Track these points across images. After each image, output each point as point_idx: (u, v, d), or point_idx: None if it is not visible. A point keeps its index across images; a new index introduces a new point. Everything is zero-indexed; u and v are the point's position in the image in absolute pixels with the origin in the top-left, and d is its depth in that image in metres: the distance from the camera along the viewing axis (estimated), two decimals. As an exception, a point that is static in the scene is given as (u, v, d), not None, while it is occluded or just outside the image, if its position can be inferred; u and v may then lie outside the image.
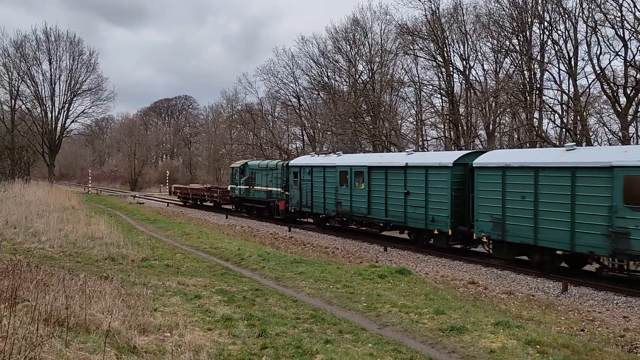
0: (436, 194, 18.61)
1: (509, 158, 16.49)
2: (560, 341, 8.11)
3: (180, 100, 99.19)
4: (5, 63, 52.69)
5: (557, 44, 29.23)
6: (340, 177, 23.52)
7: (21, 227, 17.95)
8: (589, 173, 13.84)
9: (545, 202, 14.92)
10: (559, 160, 14.85)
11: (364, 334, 8.30)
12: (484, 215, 16.73)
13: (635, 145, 21.95)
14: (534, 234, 15.19)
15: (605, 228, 13.33)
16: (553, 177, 14.75)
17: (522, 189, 15.56)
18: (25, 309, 6.34)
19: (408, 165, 19.83)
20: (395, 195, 20.43)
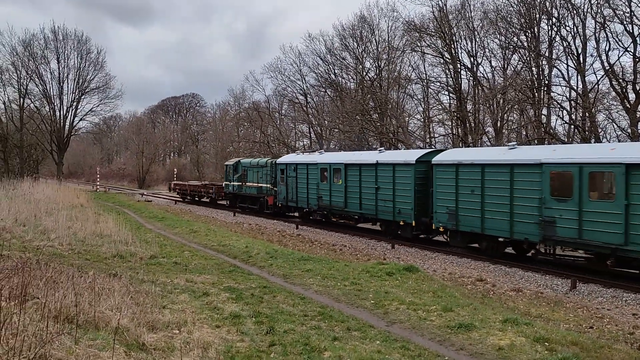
0: (402, 188, 20.52)
1: (461, 156, 18.41)
2: (569, 338, 8.07)
3: (188, 98, 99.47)
4: (14, 62, 53.02)
5: (565, 40, 29.02)
6: (321, 174, 25.47)
7: (30, 225, 18.06)
8: (524, 169, 15.67)
9: (490, 195, 16.74)
10: (501, 157, 16.73)
11: (372, 331, 8.30)
12: (441, 208, 18.59)
13: (563, 145, 24.25)
14: (481, 223, 17.03)
15: (536, 217, 15.18)
16: (496, 173, 16.59)
17: (472, 184, 17.37)
18: (35, 306, 6.38)
19: (378, 163, 21.66)
20: (368, 190, 22.31)
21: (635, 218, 12.82)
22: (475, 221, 17.25)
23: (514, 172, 15.95)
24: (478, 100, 34.59)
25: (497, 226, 16.56)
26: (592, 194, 14.04)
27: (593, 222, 13.77)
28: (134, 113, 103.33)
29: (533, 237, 15.43)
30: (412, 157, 20.40)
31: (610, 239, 13.35)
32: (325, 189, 25.08)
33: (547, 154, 15.42)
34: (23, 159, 56.11)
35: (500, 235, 16.65)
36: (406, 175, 20.26)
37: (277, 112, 58.34)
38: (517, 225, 15.86)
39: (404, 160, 20.65)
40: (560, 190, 14.68)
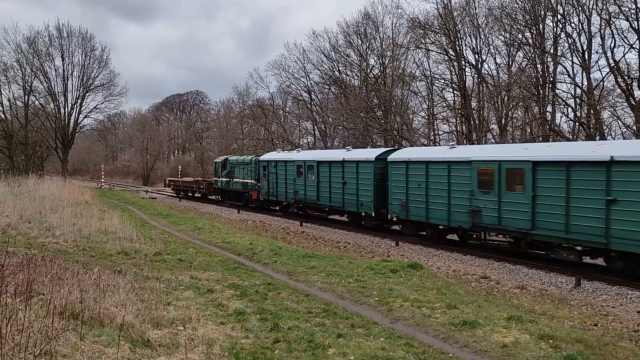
0: (364, 183, 22.79)
1: (410, 154, 20.70)
2: (574, 336, 8.05)
3: (192, 95, 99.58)
4: (19, 59, 53.14)
5: (570, 37, 28.92)
6: (297, 170, 27.73)
7: (35, 221, 18.14)
8: (458, 166, 18.01)
9: (433, 189, 19.14)
10: (441, 156, 18.94)
11: (376, 328, 8.30)
12: (395, 200, 20.90)
13: (491, 145, 26.60)
14: (426, 213, 19.44)
15: (467, 207, 17.57)
16: (437, 169, 18.91)
17: (418, 179, 19.71)
18: (41, 303, 6.41)
19: (345, 160, 23.90)
20: (336, 185, 24.63)
21: (540, 207, 15.23)
22: (421, 212, 19.62)
23: (451, 168, 18.25)
24: (482, 97, 34.50)
25: (438, 216, 18.94)
26: (508, 186, 16.33)
27: (509, 210, 16.22)
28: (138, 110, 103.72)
29: (465, 224, 17.86)
30: (372, 155, 22.59)
31: (521, 225, 15.75)
32: (300, 184, 27.34)
33: (476, 153, 17.87)
34: (28, 156, 56.33)
35: (441, 223, 18.95)
36: (367, 171, 22.53)
37: (281, 110, 58.35)
38: (453, 215, 18.20)
39: (365, 158, 22.88)
40: (485, 184, 16.98)
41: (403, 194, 20.36)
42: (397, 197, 20.67)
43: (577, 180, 14.27)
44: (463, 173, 17.77)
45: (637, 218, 12.78)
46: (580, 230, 14.18)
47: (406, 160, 20.33)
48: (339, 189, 24.23)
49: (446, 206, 18.42)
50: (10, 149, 54.40)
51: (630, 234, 12.95)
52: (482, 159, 17.21)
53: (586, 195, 14.03)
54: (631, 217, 12.91)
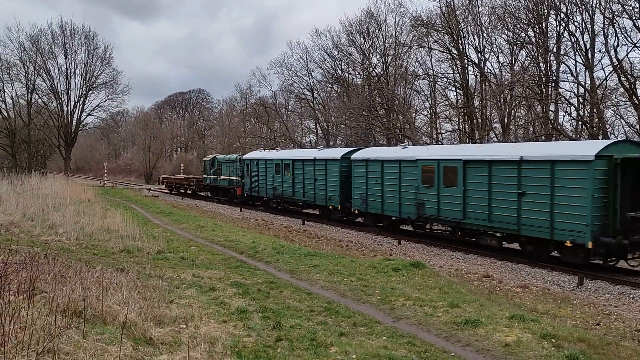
0: (332, 180, 25.15)
1: (369, 154, 23.04)
2: (576, 335, 8.05)
3: (195, 93, 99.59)
4: (22, 57, 53.17)
5: (573, 36, 28.84)
6: (275, 168, 30.13)
7: (38, 219, 18.17)
8: (407, 164, 20.32)
9: (387, 184, 21.40)
10: (394, 155, 21.19)
11: (378, 326, 8.30)
12: (357, 195, 23.23)
13: (434, 145, 29.14)
14: (382, 206, 21.78)
15: (414, 201, 19.90)
16: (391, 167, 21.17)
17: (376, 176, 21.95)
18: (43, 301, 6.42)
19: (316, 159, 26.30)
20: (308, 181, 26.92)
21: (469, 200, 17.58)
22: (378, 205, 21.96)
23: (401, 166, 20.59)
24: (485, 96, 34.44)
25: (391, 208, 21.30)
26: (445, 182, 18.59)
27: (446, 203, 18.57)
28: (140, 108, 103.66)
29: (412, 215, 20.20)
30: (338, 154, 25.01)
31: (455, 216, 18.11)
32: (278, 181, 29.87)
33: (421, 153, 20.12)
34: (31, 154, 56.42)
35: (394, 215, 21.26)
36: (334, 169, 24.93)
37: (284, 108, 58.35)
38: (403, 207, 20.58)
39: (332, 157, 25.28)
40: (427, 180, 19.30)
41: (363, 189, 22.77)
42: (359, 192, 23.09)
43: (497, 176, 16.67)
44: (410, 170, 20.12)
45: (540, 208, 15.19)
46: (499, 219, 16.58)
47: (366, 159, 22.69)
48: (311, 185, 26.65)
49: (397, 200, 20.86)
50: (13, 147, 54.48)
51: (535, 221, 15.41)
52: (425, 158, 19.55)
53: (503, 189, 16.45)
54: (536, 207, 15.34)
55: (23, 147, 55.94)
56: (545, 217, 15.08)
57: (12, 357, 4.44)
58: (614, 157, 14.15)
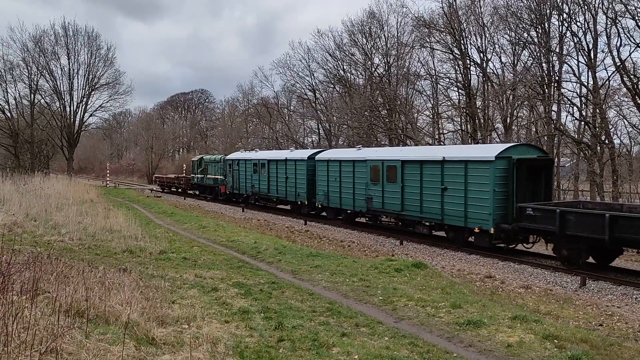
0: (300, 178, 27.96)
1: (330, 155, 26.35)
2: (579, 336, 8.03)
3: (197, 94, 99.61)
4: (25, 58, 53.27)
5: (576, 36, 28.80)
6: (253, 168, 33.10)
7: (41, 219, 18.20)
8: (359, 164, 23.24)
9: (344, 182, 24.34)
10: (350, 156, 24.23)
11: (380, 327, 8.30)
12: (320, 191, 26.19)
13: (381, 147, 31.30)
14: (340, 201, 24.79)
15: (364, 196, 22.80)
16: (347, 166, 24.10)
17: (335, 174, 24.86)
18: (46, 301, 6.43)
19: (287, 159, 29.37)
20: (281, 180, 29.85)
21: (406, 194, 20.46)
22: (337, 200, 24.95)
23: (355, 166, 23.44)
24: (487, 96, 34.41)
25: (347, 203, 24.26)
26: (388, 179, 21.35)
27: (389, 197, 21.42)
28: (143, 109, 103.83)
29: (363, 209, 23.14)
30: (305, 155, 28.12)
31: (396, 208, 21.03)
32: (256, 179, 32.86)
33: (370, 154, 23.05)
34: (34, 154, 56.52)
35: (349, 208, 24.21)
36: (302, 168, 27.75)
37: (286, 108, 58.38)
38: (357, 202, 23.47)
39: (300, 157, 28.30)
40: (374, 178, 22.14)
41: (325, 186, 25.68)
42: (322, 189, 25.99)
43: (426, 174, 19.52)
44: (362, 170, 23.02)
45: (457, 201, 18.10)
46: (429, 211, 19.47)
47: (327, 160, 25.66)
48: (283, 183, 29.67)
49: (352, 195, 23.76)
50: (16, 148, 54.60)
51: (454, 212, 18.29)
52: (373, 158, 22.43)
53: (431, 185, 19.32)
54: (454, 200, 18.23)
55: (26, 147, 56.04)
56: (460, 208, 17.99)
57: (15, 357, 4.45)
58: (512, 157, 16.97)
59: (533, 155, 17.88)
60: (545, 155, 19.13)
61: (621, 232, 13.29)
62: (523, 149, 18.23)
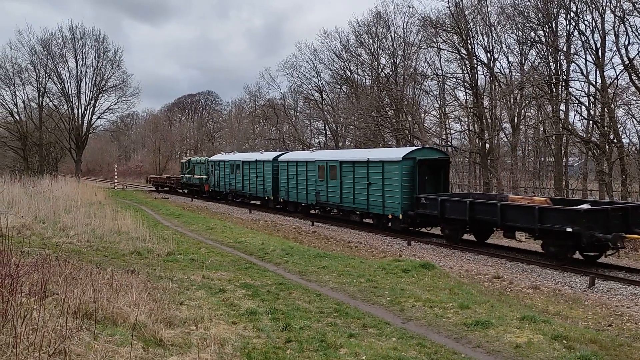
0: (267, 177, 32.41)
1: (289, 156, 30.57)
2: (588, 336, 7.98)
3: (204, 95, 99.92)
4: (33, 61, 53.74)
5: (584, 35, 28.63)
6: (231, 168, 37.50)
7: (50, 221, 18.30)
8: (311, 164, 27.45)
9: (300, 179, 28.46)
10: (304, 157, 28.63)
11: (388, 328, 8.28)
12: (282, 188, 30.51)
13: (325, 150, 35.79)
14: (297, 196, 29.04)
15: (314, 191, 26.98)
16: (302, 166, 28.32)
17: (293, 173, 29.07)
18: (55, 302, 6.46)
19: (257, 160, 33.71)
20: (252, 178, 34.29)
21: (344, 189, 24.65)
22: (294, 195, 29.13)
23: (307, 165, 27.59)
24: (495, 96, 34.26)
25: (302, 197, 28.51)
26: (331, 177, 25.46)
27: (331, 192, 25.62)
28: (150, 111, 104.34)
29: (314, 202, 27.44)
30: (271, 156, 32.46)
31: (336, 201, 25.29)
32: (233, 178, 37.16)
33: (319, 156, 27.60)
34: (42, 156, 56.93)
35: (304, 202, 28.43)
36: (268, 168, 32.13)
37: (293, 109, 58.40)
38: (309, 196, 27.83)
39: (266, 159, 32.67)
40: (321, 175, 26.34)
41: (286, 183, 29.90)
42: (283, 186, 30.27)
43: (357, 172, 23.60)
44: (312, 169, 27.16)
45: (378, 194, 22.32)
46: (359, 202, 23.58)
47: (287, 160, 29.91)
48: (254, 181, 33.97)
49: (305, 190, 28.03)
50: (24, 150, 55.02)
51: (376, 202, 22.50)
52: (320, 159, 26.80)
53: (360, 181, 23.47)
54: (376, 193, 22.46)
55: (34, 150, 56.45)
56: (379, 199, 22.22)
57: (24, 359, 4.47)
58: (416, 158, 21.27)
59: (434, 157, 22.18)
60: (445, 156, 23.27)
61: (474, 214, 17.85)
62: (426, 151, 22.76)
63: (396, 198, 21.18)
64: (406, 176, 21.11)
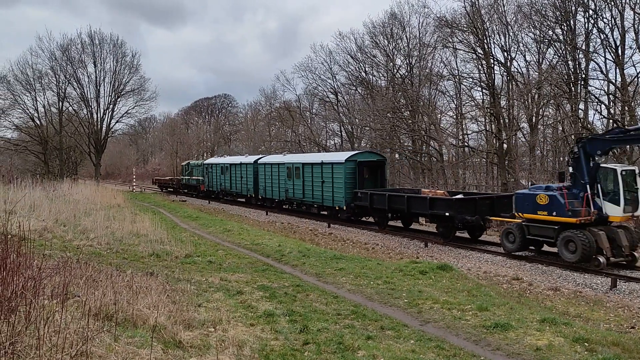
0: (249, 177, 37.18)
1: (267, 160, 35.26)
2: (610, 339, 7.86)
3: (220, 99, 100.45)
4: (53, 66, 54.53)
5: (603, 33, 28.25)
6: (221, 170, 42.47)
7: (70, 225, 18.52)
8: (282, 166, 31.98)
9: (274, 179, 33.17)
10: (277, 160, 33.37)
11: (406, 330, 8.25)
12: (261, 186, 35.51)
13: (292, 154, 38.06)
14: (272, 193, 33.68)
15: (284, 188, 31.60)
16: (275, 167, 33.01)
17: (269, 174, 33.90)
18: (76, 304, 6.54)
19: (241, 163, 38.55)
20: (238, 179, 39.16)
21: (305, 186, 29.29)
22: (270, 192, 34.00)
23: (279, 167, 32.53)
24: (512, 95, 33.93)
25: (275, 194, 33.27)
26: (296, 176, 30.25)
27: (296, 189, 30.37)
28: (167, 114, 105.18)
29: (283, 198, 32.15)
30: (252, 160, 37.24)
31: (300, 196, 30.07)
32: (222, 179, 42.19)
33: (287, 159, 32.43)
34: (62, 160, 57.75)
35: (277, 198, 33.17)
36: (250, 170, 36.99)
37: (308, 111, 58.45)
38: (280, 193, 32.45)
39: (248, 162, 37.46)
40: (289, 175, 31.13)
41: (264, 182, 34.83)
42: (262, 185, 35.24)
43: (314, 172, 28.54)
44: (283, 170, 31.94)
45: (329, 190, 27.31)
46: (316, 197, 28.61)
47: (264, 163, 34.88)
48: (239, 181, 38.79)
49: (278, 188, 32.77)
50: (45, 154, 55.86)
51: (328, 197, 27.56)
52: (288, 162, 31.70)
53: (317, 179, 28.34)
54: (328, 189, 27.48)
55: (55, 154, 57.29)
56: (330, 194, 27.33)
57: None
58: (357, 160, 26.70)
59: (373, 159, 27.54)
60: (382, 158, 28.36)
61: (392, 204, 22.48)
62: (366, 154, 28.55)
63: (341, 193, 26.35)
64: (349, 175, 26.21)
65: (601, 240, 14.68)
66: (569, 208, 15.33)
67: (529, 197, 16.71)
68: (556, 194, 15.84)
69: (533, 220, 16.41)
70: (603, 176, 15.41)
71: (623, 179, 14.97)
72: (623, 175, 15.00)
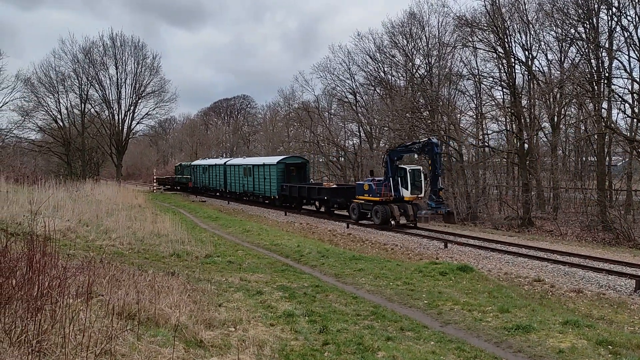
0: (220, 175, 45.85)
1: (233, 162, 44.78)
2: (635, 342, 7.73)
3: (239, 100, 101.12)
4: (75, 69, 55.49)
5: (626, 30, 27.78)
6: (202, 169, 51.09)
7: (93, 225, 18.78)
8: (240, 167, 42.00)
9: (236, 177, 42.88)
10: (239, 162, 43.25)
11: (426, 331, 8.21)
12: (229, 183, 44.39)
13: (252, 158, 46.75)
14: (236, 187, 42.98)
15: (242, 184, 41.74)
16: (236, 168, 42.72)
17: (233, 173, 43.37)
18: (100, 303, 6.65)
19: (216, 164, 47.66)
20: (215, 177, 47.90)
21: (255, 182, 39.27)
22: (234, 187, 43.15)
23: (239, 167, 41.90)
24: (533, 95, 33.51)
25: (238, 188, 42.25)
26: (247, 175, 40.38)
27: (249, 184, 40.22)
28: (187, 115, 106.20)
29: (241, 191, 41.60)
30: (223, 162, 46.26)
31: (251, 189, 40.03)
32: (204, 177, 50.98)
33: (244, 161, 42.34)
34: (85, 161, 58.69)
35: (238, 191, 42.26)
36: (221, 170, 45.97)
37: (327, 112, 58.45)
38: (240, 188, 41.82)
39: (220, 163, 46.67)
40: (244, 173, 40.74)
41: (230, 179, 43.83)
42: (229, 181, 44.01)
43: (260, 171, 37.99)
44: (241, 170, 41.33)
45: (267, 184, 37.10)
46: (260, 190, 38.29)
47: (231, 164, 44.08)
48: (214, 179, 47.79)
49: (239, 184, 41.94)
50: (68, 155, 56.83)
51: (266, 189, 37.33)
52: (244, 163, 41.42)
53: (261, 177, 37.93)
54: (266, 184, 37.26)
55: (77, 155, 58.24)
56: (268, 187, 36.85)
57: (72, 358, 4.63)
58: (285, 162, 36.38)
59: (297, 161, 37.75)
60: (305, 160, 39.03)
61: (300, 194, 33.29)
62: (293, 158, 38.90)
63: (275, 186, 36.03)
64: (280, 173, 35.99)
65: (394, 210, 24.68)
66: (377, 192, 25.62)
67: (360, 186, 27.73)
68: (371, 184, 26.27)
69: (362, 199, 26.84)
70: (399, 172, 25.42)
71: (410, 174, 25.10)
72: (410, 172, 25.14)
